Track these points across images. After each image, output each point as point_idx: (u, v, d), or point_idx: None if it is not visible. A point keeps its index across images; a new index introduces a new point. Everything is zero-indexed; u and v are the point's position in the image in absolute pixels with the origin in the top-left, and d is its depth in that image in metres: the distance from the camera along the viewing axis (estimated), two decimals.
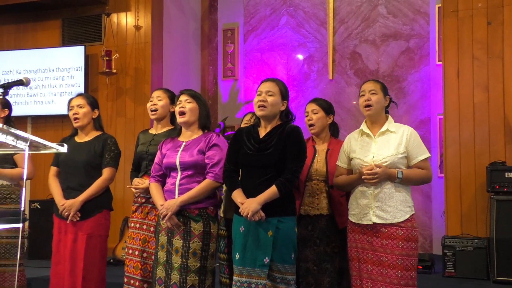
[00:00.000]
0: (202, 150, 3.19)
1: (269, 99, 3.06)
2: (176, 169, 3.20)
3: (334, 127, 3.56)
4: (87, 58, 6.54)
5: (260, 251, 2.95)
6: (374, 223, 3.02)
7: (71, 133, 3.75)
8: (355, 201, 3.12)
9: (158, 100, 3.61)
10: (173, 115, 3.57)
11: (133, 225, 3.56)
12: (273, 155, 3.00)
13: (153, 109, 3.61)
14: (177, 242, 3.13)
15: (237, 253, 3.01)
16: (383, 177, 3.00)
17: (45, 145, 2.44)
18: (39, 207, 6.09)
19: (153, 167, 3.35)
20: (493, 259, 4.79)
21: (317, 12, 7.00)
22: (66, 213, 3.48)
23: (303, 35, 7.04)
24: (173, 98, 3.61)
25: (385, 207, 3.02)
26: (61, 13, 6.81)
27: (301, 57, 7.04)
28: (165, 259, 3.16)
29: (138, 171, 3.63)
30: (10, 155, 3.79)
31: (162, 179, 3.31)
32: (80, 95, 3.79)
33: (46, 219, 5.78)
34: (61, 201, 3.53)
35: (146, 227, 3.49)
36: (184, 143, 3.26)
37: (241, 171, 3.14)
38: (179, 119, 3.28)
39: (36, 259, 5.82)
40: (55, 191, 3.60)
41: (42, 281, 4.81)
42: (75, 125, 3.66)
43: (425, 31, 6.53)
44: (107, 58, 6.34)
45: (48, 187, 3.69)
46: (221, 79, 7.35)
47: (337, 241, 3.30)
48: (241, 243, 3.00)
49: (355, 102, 6.61)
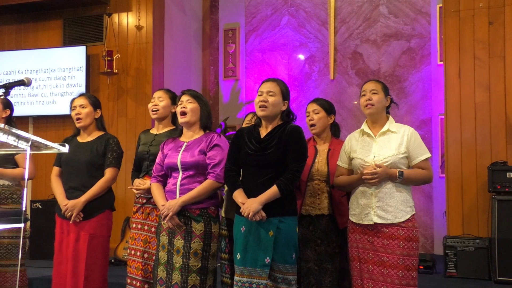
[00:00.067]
0: (203, 150, 3.19)
1: (270, 99, 3.06)
2: (177, 169, 3.21)
3: (335, 127, 3.56)
4: (89, 58, 6.54)
5: (261, 251, 2.95)
6: (375, 223, 3.02)
7: (74, 133, 3.76)
8: (356, 201, 3.12)
9: (159, 100, 3.62)
10: (174, 115, 3.57)
11: (134, 225, 3.57)
12: (274, 155, 3.01)
13: (154, 110, 3.62)
14: (178, 242, 3.13)
15: (238, 253, 3.01)
16: (383, 177, 3.00)
17: (46, 145, 2.44)
18: (40, 207, 6.09)
19: (154, 168, 3.35)
20: (495, 259, 4.78)
21: (318, 12, 7.00)
22: (68, 214, 3.48)
23: (304, 35, 7.04)
24: (174, 98, 3.61)
25: (386, 207, 3.02)
26: (63, 13, 6.82)
27: (302, 57, 7.04)
28: (166, 259, 3.16)
29: (139, 171, 3.63)
30: (11, 155, 3.79)
31: (163, 180, 3.31)
32: (82, 95, 3.79)
33: (47, 219, 5.77)
34: (63, 201, 3.53)
35: (147, 227, 3.49)
36: (185, 144, 3.27)
37: (242, 171, 3.14)
38: (181, 119, 3.28)
39: (37, 259, 5.83)
40: (58, 191, 3.61)
41: (43, 281, 4.81)
42: (78, 125, 3.66)
43: (426, 31, 6.52)
44: (109, 58, 6.34)
45: (49, 187, 3.69)
46: (222, 79, 7.35)
47: (338, 241, 3.30)
48: (242, 243, 3.00)
49: (356, 102, 6.61)
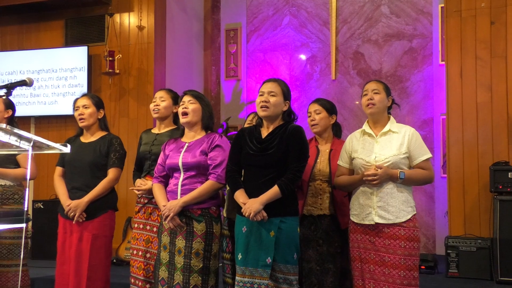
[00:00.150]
0: (204, 151, 3.19)
1: (271, 99, 3.06)
2: (179, 169, 3.21)
3: (337, 127, 3.56)
4: (90, 58, 6.55)
5: (262, 251, 2.95)
6: (376, 223, 3.02)
7: (77, 133, 3.76)
8: (357, 201, 3.12)
9: (161, 100, 3.62)
10: (176, 115, 3.57)
11: (136, 225, 3.57)
12: (275, 155, 3.01)
13: (156, 110, 3.62)
14: (180, 242, 3.13)
15: (240, 253, 3.01)
16: (384, 178, 3.00)
17: (48, 146, 2.45)
18: (42, 207, 6.09)
19: (156, 168, 3.35)
20: (497, 259, 4.77)
21: (320, 12, 7.00)
22: (71, 214, 3.49)
23: (306, 35, 7.04)
24: (176, 98, 3.62)
25: (388, 207, 3.02)
26: (64, 14, 6.82)
27: (303, 57, 7.04)
28: (167, 259, 3.16)
29: (140, 171, 3.63)
30: (13, 156, 3.79)
31: (165, 180, 3.31)
32: (85, 95, 3.79)
33: (49, 219, 5.79)
34: (66, 202, 3.53)
35: (149, 227, 3.49)
36: (187, 144, 3.27)
37: (243, 171, 3.14)
38: (182, 120, 3.28)
39: (39, 259, 5.83)
40: (61, 191, 3.61)
41: (45, 281, 4.82)
42: (81, 124, 3.66)
43: (428, 31, 6.52)
44: (110, 58, 6.35)
45: (51, 187, 3.70)
46: (224, 79, 7.35)
47: (339, 241, 3.30)
48: (244, 243, 3.00)
49: (358, 102, 6.61)
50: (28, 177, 3.76)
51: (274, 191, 2.94)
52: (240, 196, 3.02)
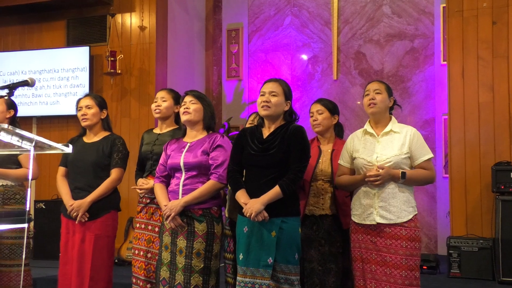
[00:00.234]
0: (206, 151, 3.19)
1: (273, 99, 3.06)
2: (180, 169, 3.21)
3: (339, 128, 3.56)
4: (92, 58, 6.55)
5: (263, 252, 2.95)
6: (377, 223, 3.02)
7: (80, 133, 3.76)
8: (358, 201, 3.12)
9: (162, 101, 3.61)
10: (177, 115, 3.57)
11: (138, 225, 3.57)
12: (277, 155, 3.00)
13: (157, 110, 3.62)
14: (181, 242, 3.13)
15: (241, 254, 3.01)
16: (386, 178, 3.00)
17: (50, 146, 2.45)
18: (44, 207, 6.10)
19: (157, 168, 3.36)
20: (499, 259, 4.77)
21: (322, 12, 7.00)
22: (74, 214, 3.49)
23: (308, 35, 7.04)
24: (177, 98, 3.61)
25: (389, 207, 3.02)
26: (66, 14, 6.83)
27: (305, 57, 7.04)
28: (169, 259, 3.16)
29: (142, 171, 3.64)
30: (15, 156, 3.80)
31: (166, 180, 3.31)
32: (88, 95, 3.79)
33: (51, 219, 5.80)
34: (69, 202, 3.53)
35: (151, 227, 3.50)
36: (188, 144, 3.27)
37: (245, 171, 3.14)
38: (183, 117, 3.28)
39: (41, 259, 5.84)
40: (64, 191, 3.61)
41: (47, 281, 4.82)
42: (84, 124, 3.66)
43: (429, 31, 6.51)
44: (112, 58, 6.35)
45: (53, 187, 3.70)
46: (226, 79, 7.36)
47: (341, 241, 3.30)
48: (245, 244, 3.00)
49: (359, 102, 6.60)
50: (30, 177, 3.76)
51: (275, 191, 2.94)
52: (241, 196, 3.02)
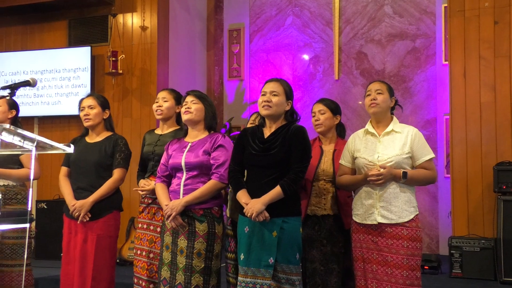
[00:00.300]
0: (207, 150, 3.20)
1: (274, 99, 3.06)
2: (181, 169, 3.21)
3: (340, 128, 3.56)
4: (93, 58, 6.56)
5: (264, 252, 2.95)
6: (379, 223, 3.02)
7: (82, 133, 3.76)
8: (360, 201, 3.11)
9: (163, 101, 3.61)
10: (179, 115, 3.57)
11: (140, 225, 3.57)
12: (278, 155, 3.00)
13: (159, 110, 3.62)
14: (182, 242, 3.13)
15: (242, 254, 3.01)
16: (388, 177, 3.00)
17: (51, 146, 2.45)
18: (45, 207, 6.10)
19: (159, 168, 3.36)
20: (500, 259, 4.76)
21: (323, 12, 6.99)
22: (76, 214, 3.49)
23: (309, 35, 7.04)
24: (179, 98, 3.61)
25: (390, 207, 3.02)
26: (68, 14, 6.84)
27: (306, 57, 7.04)
28: (170, 259, 3.16)
29: (144, 171, 3.64)
30: (16, 156, 3.80)
31: (168, 180, 3.31)
32: (91, 95, 3.79)
33: (53, 219, 5.81)
34: (71, 202, 3.54)
35: (153, 227, 3.50)
36: (190, 144, 3.27)
37: (246, 171, 3.14)
38: (184, 116, 3.28)
39: (43, 259, 5.85)
40: (66, 191, 3.61)
41: (49, 281, 4.83)
42: (86, 124, 3.66)
43: (431, 31, 6.51)
44: (113, 58, 6.36)
45: (55, 187, 3.71)
46: (227, 79, 7.36)
47: (343, 241, 3.30)
48: (246, 244, 3.00)
49: (361, 102, 6.60)
50: (31, 177, 3.76)
51: (276, 191, 2.94)
52: (242, 196, 3.02)
